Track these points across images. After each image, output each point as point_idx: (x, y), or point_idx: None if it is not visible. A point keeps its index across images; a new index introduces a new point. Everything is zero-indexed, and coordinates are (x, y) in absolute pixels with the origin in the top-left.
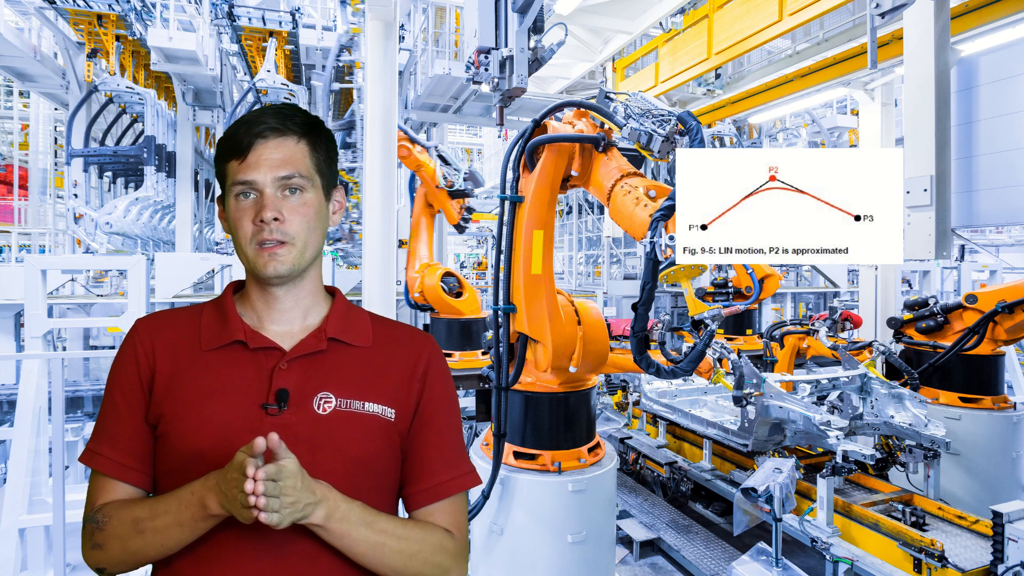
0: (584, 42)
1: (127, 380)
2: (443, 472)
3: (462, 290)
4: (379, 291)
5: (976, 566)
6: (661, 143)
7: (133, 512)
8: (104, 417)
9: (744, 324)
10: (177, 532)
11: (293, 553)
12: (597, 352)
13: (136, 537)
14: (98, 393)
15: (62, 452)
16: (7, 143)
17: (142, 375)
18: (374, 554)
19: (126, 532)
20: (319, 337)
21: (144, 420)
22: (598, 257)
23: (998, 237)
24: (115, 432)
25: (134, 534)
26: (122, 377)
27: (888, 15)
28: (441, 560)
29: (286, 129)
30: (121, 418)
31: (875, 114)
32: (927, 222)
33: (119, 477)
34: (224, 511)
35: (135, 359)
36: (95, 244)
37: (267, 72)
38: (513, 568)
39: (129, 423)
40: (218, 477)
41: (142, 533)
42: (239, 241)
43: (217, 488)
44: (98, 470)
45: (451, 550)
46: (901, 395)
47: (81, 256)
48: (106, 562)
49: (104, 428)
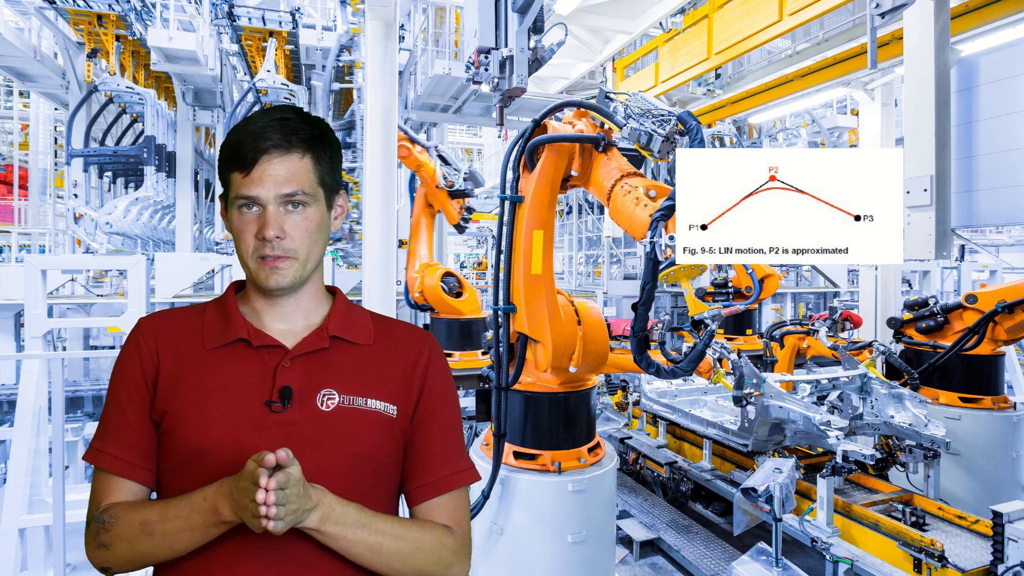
0: (584, 42)
1: (131, 378)
2: (443, 467)
3: (462, 290)
4: (379, 291)
5: (976, 566)
6: (661, 143)
7: (142, 514)
8: (108, 415)
9: (744, 324)
10: (188, 536)
11: (296, 555)
12: (597, 352)
13: (145, 540)
14: (98, 393)
15: (62, 452)
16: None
17: (146, 373)
18: (372, 555)
19: (134, 534)
20: (321, 335)
21: (148, 418)
22: (598, 257)
23: (998, 237)
24: (120, 430)
25: (143, 536)
26: (126, 375)
27: (888, 15)
28: (442, 556)
29: (291, 145)
30: (126, 416)
31: (875, 114)
32: (927, 222)
33: (125, 475)
34: (236, 518)
35: (139, 357)
36: (95, 244)
37: (267, 72)
38: (513, 568)
39: (134, 421)
40: (231, 485)
41: (151, 536)
42: (241, 252)
43: (230, 496)
44: (103, 468)
45: (451, 546)
46: (901, 395)
47: (81, 256)
48: (111, 562)
49: (109, 426)
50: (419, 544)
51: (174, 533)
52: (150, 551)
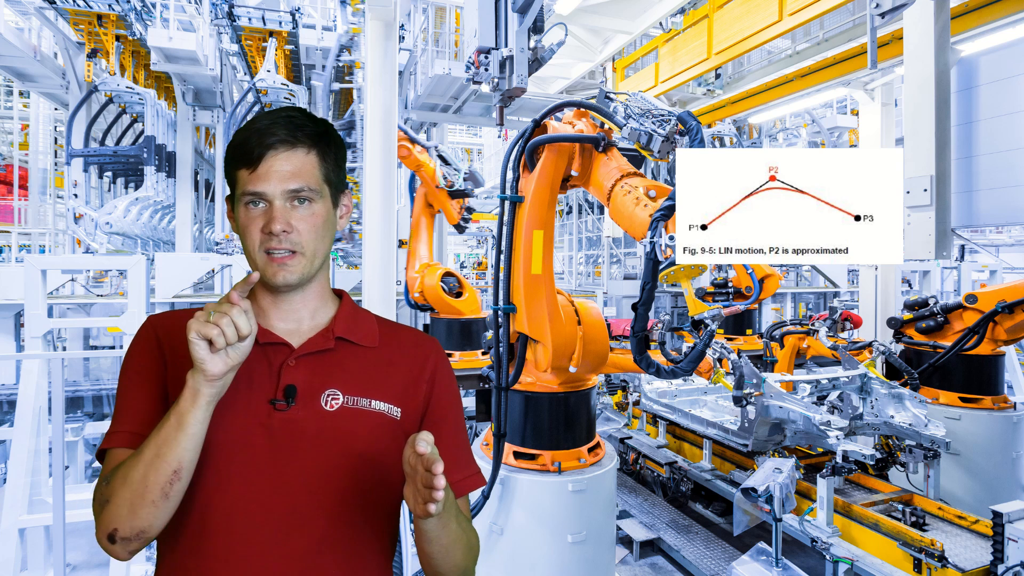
0: (584, 42)
1: (144, 362)
2: (453, 473)
3: (462, 290)
4: (379, 291)
5: (976, 566)
6: (661, 143)
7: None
8: (121, 399)
9: (744, 324)
10: (177, 435)
11: (298, 547)
12: (597, 352)
13: (139, 466)
14: (98, 393)
15: (62, 452)
16: (7, 143)
17: (158, 354)
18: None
19: (130, 466)
20: (327, 336)
21: (159, 391)
22: (598, 257)
23: (998, 237)
24: (130, 408)
25: (138, 463)
26: (138, 360)
27: (888, 15)
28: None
29: (296, 141)
30: (137, 392)
31: (875, 114)
32: (927, 222)
33: (133, 445)
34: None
35: (155, 343)
36: (95, 244)
37: (267, 72)
38: (513, 568)
39: (144, 394)
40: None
41: (142, 456)
42: (248, 248)
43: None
44: (113, 446)
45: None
46: (901, 395)
47: (81, 256)
48: (115, 519)
49: (124, 407)
50: (470, 537)
51: (165, 440)
52: (147, 476)
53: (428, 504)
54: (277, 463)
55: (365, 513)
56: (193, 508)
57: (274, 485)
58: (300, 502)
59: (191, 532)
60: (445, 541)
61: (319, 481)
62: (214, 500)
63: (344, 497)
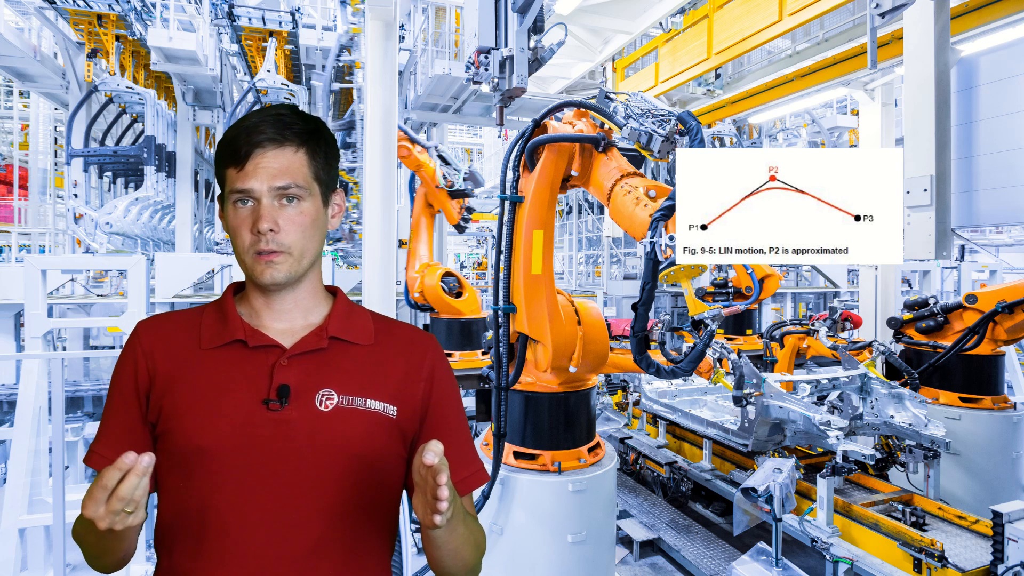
0: (584, 42)
1: (125, 382)
2: (459, 470)
3: (462, 290)
4: (379, 291)
5: (976, 566)
6: (661, 143)
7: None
8: (103, 419)
9: (744, 324)
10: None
11: (296, 548)
12: (597, 352)
13: (91, 536)
14: (98, 393)
15: (62, 452)
16: (7, 143)
17: (139, 378)
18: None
19: (87, 528)
20: (320, 335)
21: (140, 421)
22: (598, 257)
23: (998, 237)
24: (112, 432)
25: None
26: (121, 380)
27: (888, 15)
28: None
29: (284, 139)
30: (118, 418)
31: (875, 114)
32: (927, 222)
33: None
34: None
35: (134, 361)
36: (95, 244)
37: (267, 72)
38: (513, 568)
39: (124, 423)
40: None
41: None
42: (238, 249)
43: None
44: (92, 466)
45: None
46: (901, 395)
47: (81, 256)
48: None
49: (103, 429)
50: (479, 536)
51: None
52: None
53: (434, 515)
54: (272, 464)
55: (363, 513)
56: (190, 510)
57: (270, 486)
58: (297, 503)
59: (189, 535)
60: (453, 545)
61: (315, 482)
62: (210, 502)
63: (341, 498)
